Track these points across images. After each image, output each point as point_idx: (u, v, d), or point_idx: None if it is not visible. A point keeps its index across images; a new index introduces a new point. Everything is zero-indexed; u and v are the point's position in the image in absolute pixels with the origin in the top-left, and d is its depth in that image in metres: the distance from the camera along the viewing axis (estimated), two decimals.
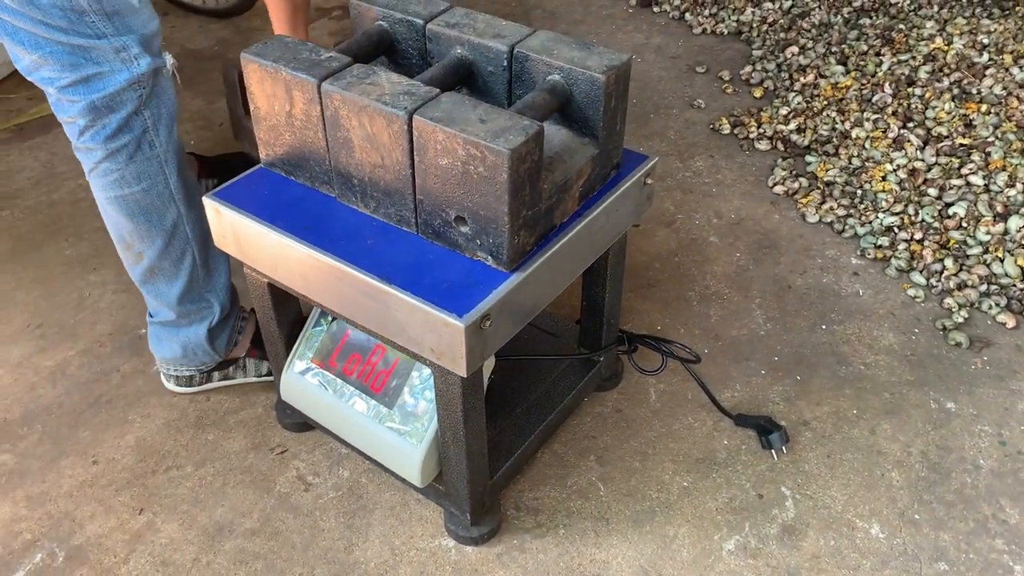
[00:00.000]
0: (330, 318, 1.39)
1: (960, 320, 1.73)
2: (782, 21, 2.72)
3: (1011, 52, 2.21)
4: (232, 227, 1.26)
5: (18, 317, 1.78)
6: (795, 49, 2.54)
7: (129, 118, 1.30)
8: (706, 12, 2.83)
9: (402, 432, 1.29)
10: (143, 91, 1.30)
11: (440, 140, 1.05)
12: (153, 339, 1.54)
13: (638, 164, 1.31)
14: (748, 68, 2.54)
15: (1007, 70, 2.17)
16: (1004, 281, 1.78)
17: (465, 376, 1.11)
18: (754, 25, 2.74)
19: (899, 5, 2.67)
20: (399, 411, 1.30)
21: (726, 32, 2.76)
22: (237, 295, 1.57)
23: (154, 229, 1.40)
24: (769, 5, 2.80)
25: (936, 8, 2.61)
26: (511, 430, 1.43)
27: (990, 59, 2.23)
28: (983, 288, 1.77)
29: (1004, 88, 2.12)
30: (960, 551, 1.34)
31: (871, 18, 2.65)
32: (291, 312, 1.42)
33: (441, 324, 1.07)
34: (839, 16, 2.69)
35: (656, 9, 2.92)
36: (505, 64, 1.21)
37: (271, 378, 1.60)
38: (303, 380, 1.40)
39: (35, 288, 1.85)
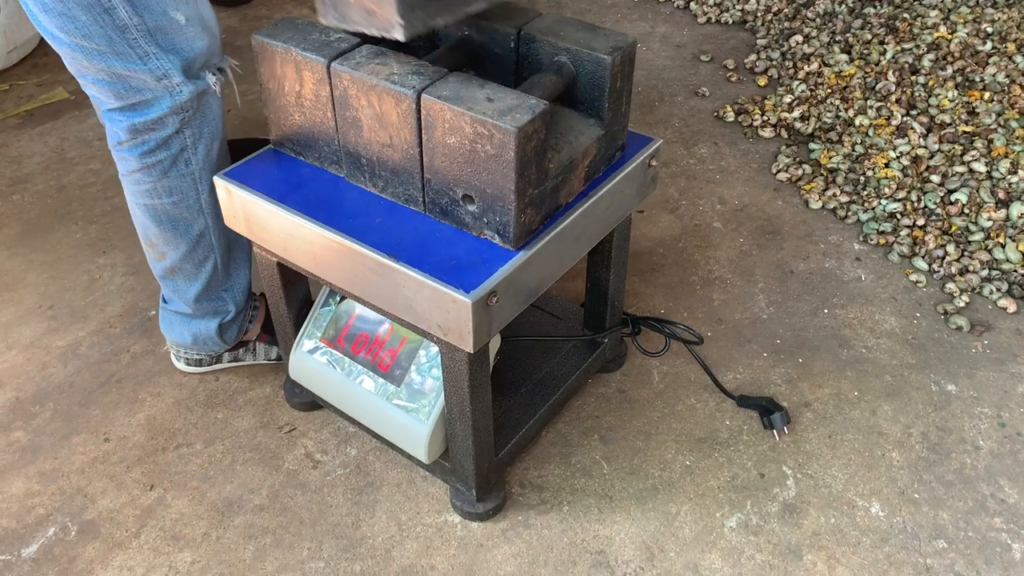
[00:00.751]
0: (338, 298, 1.41)
1: (961, 305, 1.74)
2: (786, 10, 2.73)
3: (1014, 40, 2.22)
4: (242, 207, 1.28)
5: (29, 299, 1.81)
6: (799, 38, 2.55)
7: (169, 138, 1.31)
8: (711, 1, 2.84)
9: (409, 409, 1.31)
10: (186, 114, 1.30)
11: (448, 119, 1.07)
12: (165, 323, 1.56)
13: (643, 146, 1.33)
14: (752, 57, 2.55)
15: (1010, 58, 2.18)
16: (1005, 267, 1.79)
17: (472, 352, 1.13)
18: (758, 14, 2.75)
19: None
20: (406, 389, 1.32)
21: (730, 21, 2.77)
22: (250, 287, 1.59)
23: (180, 236, 1.41)
24: None
25: None
26: (516, 409, 1.45)
27: (993, 47, 2.24)
28: (984, 273, 1.79)
29: (1007, 76, 2.13)
30: (959, 529, 1.36)
31: (875, 7, 2.66)
32: (300, 292, 1.44)
33: (449, 300, 1.09)
34: (843, 5, 2.70)
35: None
36: (512, 45, 1.22)
37: (279, 361, 1.62)
38: (312, 359, 1.42)
39: (45, 270, 1.88)
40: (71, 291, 1.82)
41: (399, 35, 1.05)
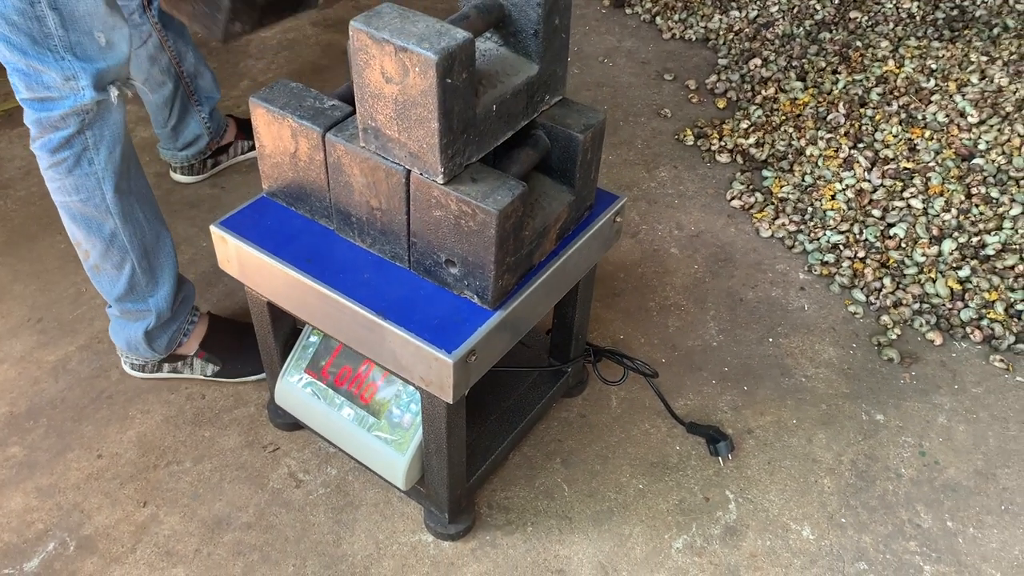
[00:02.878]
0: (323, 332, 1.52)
1: (894, 337, 1.90)
2: (747, 30, 2.85)
3: (955, 80, 2.37)
4: (236, 255, 1.37)
5: (17, 311, 1.88)
6: (758, 61, 2.67)
7: (71, 137, 1.42)
8: (675, 17, 2.95)
9: (389, 441, 1.43)
10: (85, 116, 1.41)
11: (435, 195, 1.18)
12: (111, 326, 1.68)
13: (609, 204, 1.45)
14: (713, 77, 2.67)
15: (951, 97, 2.33)
16: (935, 301, 1.95)
17: (451, 403, 1.25)
18: (721, 33, 2.87)
19: (858, 20, 2.81)
20: (386, 421, 1.44)
21: (694, 38, 2.88)
22: (188, 302, 1.70)
23: (93, 235, 1.52)
24: (736, 13, 2.92)
25: (892, 25, 2.76)
26: (487, 436, 1.58)
27: (936, 85, 2.39)
28: (916, 307, 1.95)
29: (947, 116, 2.28)
30: (878, 552, 1.53)
31: (831, 32, 2.79)
32: (286, 325, 1.54)
33: (432, 358, 1.20)
34: (801, 28, 2.83)
35: (628, 11, 3.03)
36: None
37: (217, 379, 1.74)
38: (297, 388, 1.53)
39: (32, 282, 1.95)
40: (59, 304, 1.90)
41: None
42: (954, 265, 1.99)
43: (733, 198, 2.24)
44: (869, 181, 2.20)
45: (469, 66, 1.09)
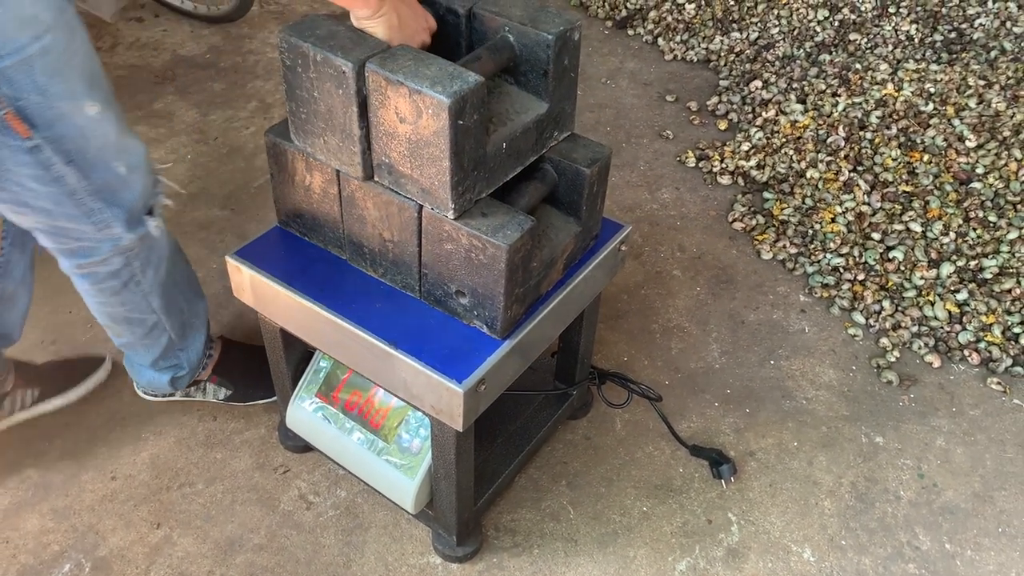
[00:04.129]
0: None
1: (893, 359, 1.93)
2: (748, 52, 2.89)
3: (953, 104, 2.41)
4: (251, 284, 1.41)
5: (31, 332, 1.91)
6: (759, 83, 2.71)
7: (116, 271, 1.39)
8: (677, 38, 2.99)
9: (398, 465, 1.46)
10: (129, 253, 1.38)
11: (446, 229, 1.21)
12: (126, 360, 1.68)
13: (615, 232, 1.48)
14: (715, 99, 2.71)
15: (949, 121, 2.37)
16: (933, 323, 1.99)
17: (461, 431, 1.28)
18: (722, 54, 2.90)
19: (857, 42, 2.85)
20: (396, 446, 1.47)
21: (695, 59, 2.92)
22: (208, 340, 1.71)
23: (134, 328, 1.52)
24: (737, 35, 2.96)
25: (891, 48, 2.80)
26: (494, 459, 1.61)
27: (935, 109, 2.42)
28: (915, 329, 1.98)
29: (945, 140, 2.32)
30: (878, 574, 1.56)
31: (831, 53, 2.83)
32: (298, 350, 1.57)
33: (442, 388, 1.23)
34: (801, 50, 2.87)
35: (631, 32, 3.07)
36: None
37: (228, 403, 1.76)
38: (308, 412, 1.56)
39: (45, 304, 1.98)
40: (72, 327, 1.93)
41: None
42: (952, 288, 2.03)
43: (734, 220, 2.28)
44: (869, 204, 2.23)
45: (480, 108, 1.12)
